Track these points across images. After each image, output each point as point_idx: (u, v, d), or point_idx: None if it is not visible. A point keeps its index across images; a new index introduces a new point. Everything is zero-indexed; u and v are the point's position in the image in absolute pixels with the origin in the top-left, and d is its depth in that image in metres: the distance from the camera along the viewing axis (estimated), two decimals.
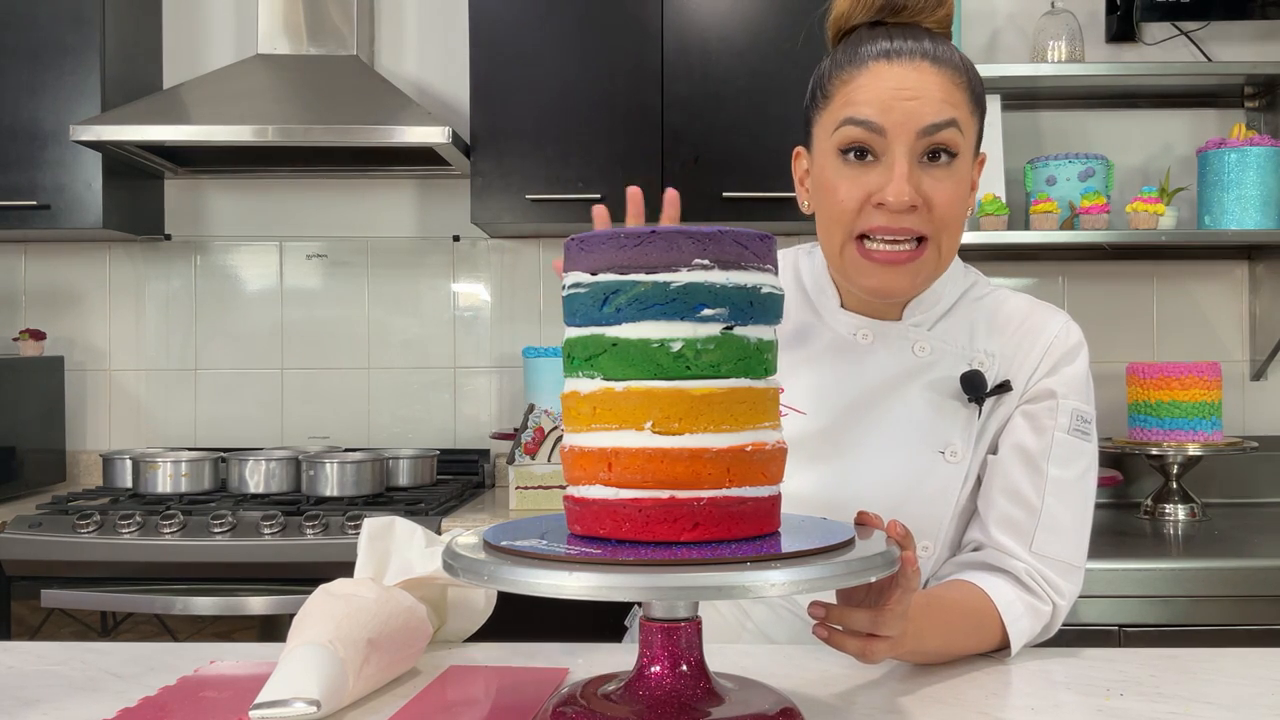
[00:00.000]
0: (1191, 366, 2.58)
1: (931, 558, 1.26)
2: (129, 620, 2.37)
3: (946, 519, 1.25)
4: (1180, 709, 1.01)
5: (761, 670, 1.08)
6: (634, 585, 0.81)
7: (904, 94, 1.14)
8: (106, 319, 3.11)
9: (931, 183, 1.16)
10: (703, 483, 0.86)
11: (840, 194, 1.17)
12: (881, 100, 1.15)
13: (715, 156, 2.66)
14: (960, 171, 1.18)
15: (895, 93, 1.15)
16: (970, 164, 1.22)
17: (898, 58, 1.16)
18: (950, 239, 1.19)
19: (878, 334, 1.28)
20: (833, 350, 1.29)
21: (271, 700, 0.95)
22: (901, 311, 1.28)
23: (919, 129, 1.14)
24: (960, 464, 1.24)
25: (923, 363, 1.27)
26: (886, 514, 0.98)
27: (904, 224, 1.16)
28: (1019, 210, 2.81)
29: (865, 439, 1.26)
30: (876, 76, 1.16)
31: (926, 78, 1.15)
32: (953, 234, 1.19)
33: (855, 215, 1.17)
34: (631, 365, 0.86)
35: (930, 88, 1.15)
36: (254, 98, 2.74)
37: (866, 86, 1.16)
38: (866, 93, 1.16)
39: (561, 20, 2.70)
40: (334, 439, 3.07)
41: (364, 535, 1.21)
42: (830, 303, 1.31)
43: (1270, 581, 2.12)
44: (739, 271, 0.87)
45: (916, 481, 1.24)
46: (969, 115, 1.19)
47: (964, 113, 1.18)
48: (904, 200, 1.14)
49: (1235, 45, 2.93)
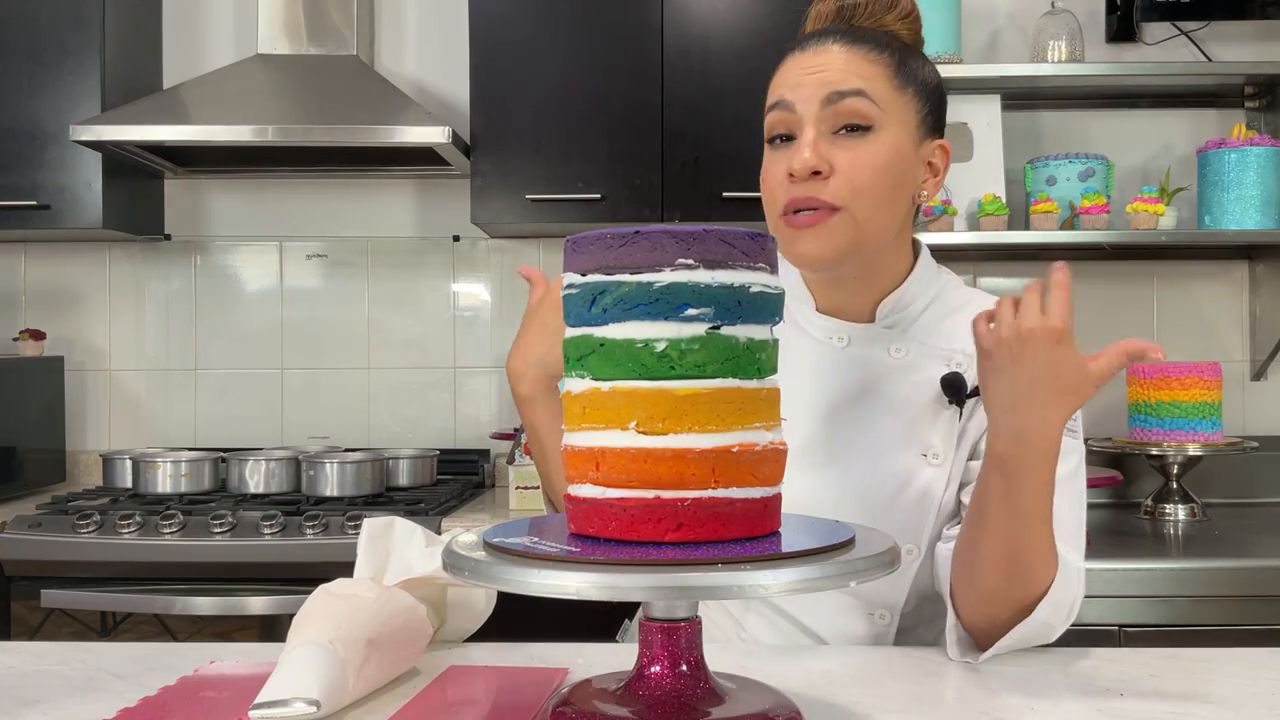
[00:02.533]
0: (1192, 366, 2.58)
1: (915, 561, 1.25)
2: (129, 620, 2.37)
3: (930, 522, 1.25)
4: (1180, 709, 1.01)
5: (761, 670, 1.08)
6: (634, 585, 0.81)
7: (808, 69, 1.21)
8: (106, 319, 3.12)
9: (840, 151, 1.19)
10: (687, 483, 0.85)
11: (767, 175, 1.24)
12: (790, 80, 1.22)
13: (715, 156, 2.66)
14: (881, 143, 1.20)
15: (803, 71, 1.22)
16: (904, 141, 1.22)
17: (810, 44, 1.23)
18: (866, 208, 1.19)
19: (853, 337, 1.29)
20: (810, 355, 1.29)
21: (271, 700, 0.95)
22: (874, 313, 1.29)
23: (822, 97, 1.19)
24: (943, 466, 1.24)
25: (900, 365, 1.27)
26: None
27: (810, 191, 1.19)
28: (1019, 210, 2.81)
29: (848, 443, 1.26)
30: (792, 62, 1.24)
31: (834, 56, 1.21)
32: (868, 203, 1.19)
33: (779, 190, 1.22)
34: (617, 365, 0.87)
35: (836, 62, 1.21)
36: (254, 98, 2.74)
37: (782, 73, 1.24)
38: (782, 78, 1.23)
39: (561, 20, 2.70)
40: (334, 439, 3.07)
41: (364, 535, 1.21)
42: (806, 308, 1.31)
43: (1270, 581, 2.11)
44: (726, 270, 0.86)
45: (900, 485, 1.24)
46: (890, 90, 1.21)
47: (880, 86, 1.20)
48: (806, 167, 1.18)
49: (1235, 45, 2.93)
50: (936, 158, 1.27)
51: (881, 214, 1.21)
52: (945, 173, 1.28)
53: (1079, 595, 1.17)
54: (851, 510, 1.19)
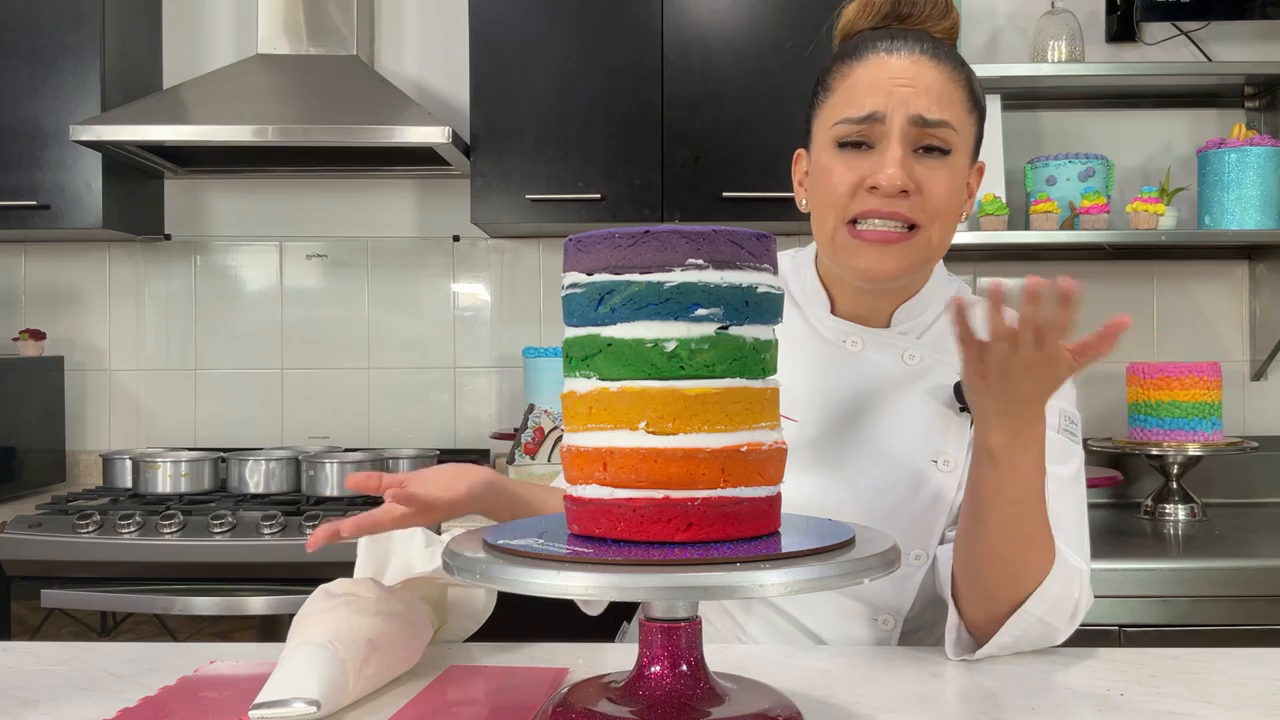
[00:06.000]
0: (1192, 366, 2.58)
1: (924, 566, 1.25)
2: (129, 620, 2.37)
3: (939, 528, 1.25)
4: (1180, 709, 1.01)
5: (761, 670, 1.08)
6: (634, 585, 0.81)
7: (900, 81, 1.17)
8: (106, 319, 3.11)
9: (925, 171, 1.18)
10: (697, 483, 0.86)
11: (834, 178, 1.20)
12: (880, 87, 1.17)
13: (715, 156, 2.65)
14: (955, 167, 1.19)
15: (892, 80, 1.17)
16: (966, 165, 1.22)
17: (897, 51, 1.19)
18: (942, 230, 1.20)
19: (867, 341, 1.28)
20: (822, 357, 1.29)
21: (271, 700, 0.95)
22: (890, 319, 1.29)
23: (913, 116, 1.16)
24: (954, 473, 1.24)
25: (913, 371, 1.27)
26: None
27: (895, 208, 1.17)
28: (1019, 210, 2.81)
29: (858, 447, 1.26)
30: (876, 67, 1.19)
31: (924, 70, 1.18)
32: (944, 226, 1.20)
33: (848, 199, 1.19)
34: (626, 365, 0.86)
35: (927, 79, 1.17)
36: (254, 98, 2.74)
37: (866, 76, 1.19)
38: (866, 81, 1.18)
39: (561, 20, 2.70)
40: (334, 439, 3.07)
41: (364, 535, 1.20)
42: (820, 309, 1.31)
43: (1270, 581, 2.11)
44: (734, 271, 0.87)
45: (910, 490, 1.24)
46: (965, 115, 1.20)
47: (959, 112, 1.19)
48: (896, 184, 1.15)
49: (1235, 45, 2.93)
50: (974, 179, 1.27)
51: (949, 236, 1.22)
52: (977, 192, 1.29)
53: (1084, 599, 1.16)
54: (859, 513, 1.18)
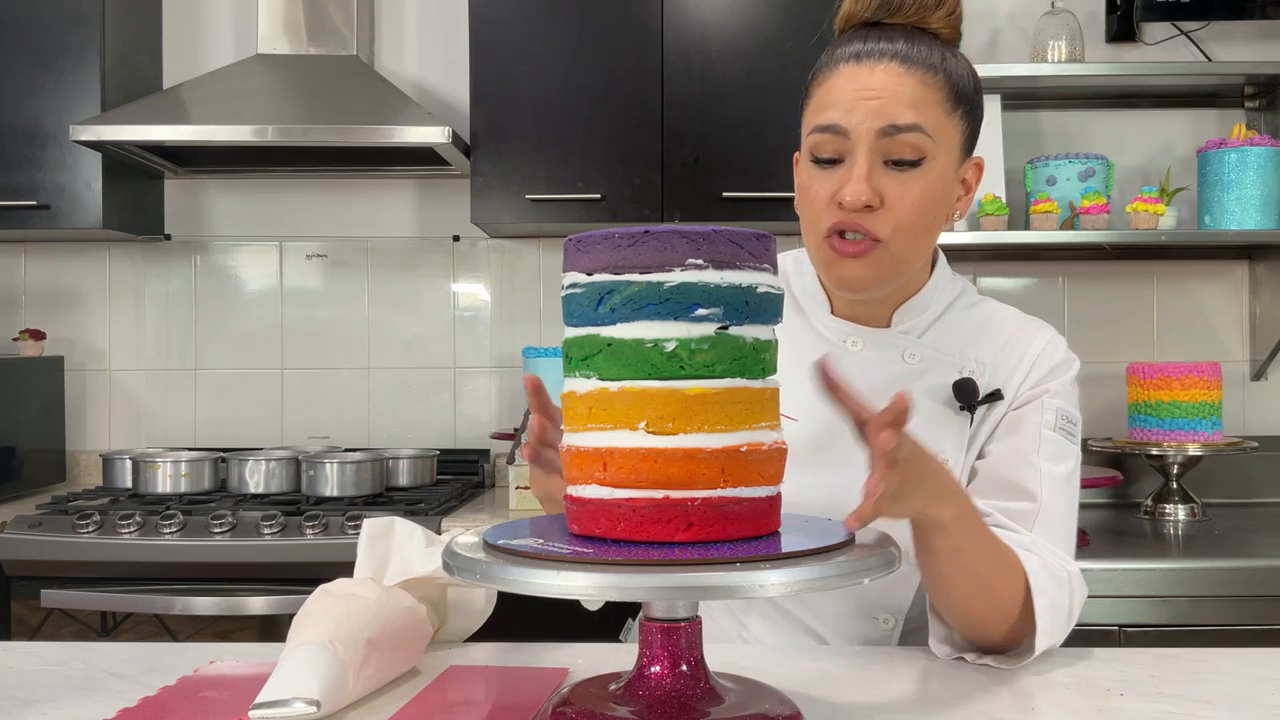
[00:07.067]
0: (1191, 366, 2.58)
1: None
2: (129, 620, 2.37)
3: None
4: (1180, 709, 1.01)
5: (761, 670, 1.08)
6: (634, 585, 0.81)
7: (867, 94, 1.16)
8: (106, 319, 3.11)
9: (893, 183, 1.17)
10: (697, 483, 0.86)
11: (811, 194, 1.20)
12: (846, 101, 1.17)
13: (715, 156, 2.65)
14: (930, 175, 1.18)
15: (858, 94, 1.17)
16: (949, 167, 1.20)
17: (867, 59, 1.18)
18: (905, 241, 1.19)
19: (867, 341, 1.28)
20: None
21: (271, 700, 0.95)
22: (890, 319, 1.29)
23: (878, 129, 1.16)
24: (953, 472, 1.24)
25: (913, 370, 1.27)
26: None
27: (859, 221, 1.17)
28: (1019, 210, 2.81)
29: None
30: (844, 78, 1.18)
31: (893, 79, 1.16)
32: (908, 236, 1.19)
33: (824, 213, 1.19)
34: (626, 365, 0.86)
35: (895, 89, 1.16)
36: (254, 98, 2.74)
37: (835, 88, 1.19)
38: (834, 94, 1.18)
39: (561, 20, 2.70)
40: (334, 439, 3.07)
41: (364, 535, 1.21)
42: (820, 309, 1.31)
43: (1270, 581, 2.12)
44: (734, 271, 0.87)
45: None
46: (943, 117, 1.18)
47: (935, 115, 1.17)
48: (859, 200, 1.15)
49: (1235, 45, 2.93)
50: (970, 174, 1.26)
51: (920, 243, 1.21)
52: (976, 188, 1.28)
53: (1079, 596, 1.17)
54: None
